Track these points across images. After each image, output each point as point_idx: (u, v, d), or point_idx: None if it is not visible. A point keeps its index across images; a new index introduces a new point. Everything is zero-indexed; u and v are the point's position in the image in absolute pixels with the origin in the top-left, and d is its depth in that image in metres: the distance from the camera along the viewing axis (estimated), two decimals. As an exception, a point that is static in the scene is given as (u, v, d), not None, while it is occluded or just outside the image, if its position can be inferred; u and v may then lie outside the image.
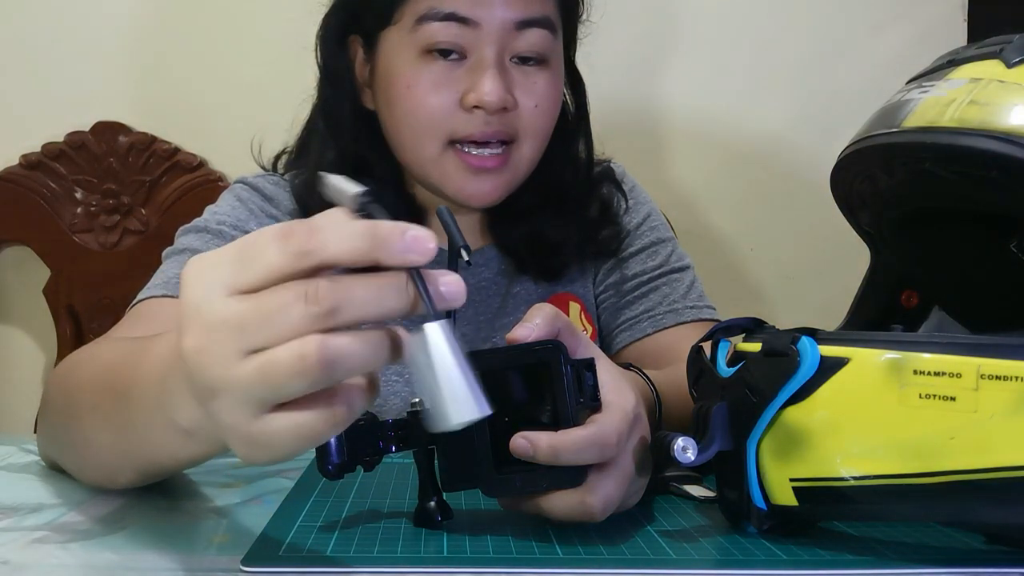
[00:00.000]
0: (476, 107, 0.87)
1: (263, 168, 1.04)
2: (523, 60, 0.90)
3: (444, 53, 0.88)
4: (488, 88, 0.86)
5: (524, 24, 0.88)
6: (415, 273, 0.42)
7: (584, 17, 0.99)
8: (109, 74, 1.40)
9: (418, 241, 0.41)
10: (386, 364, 0.43)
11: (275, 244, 0.42)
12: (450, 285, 0.43)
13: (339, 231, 0.41)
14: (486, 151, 0.89)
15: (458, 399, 0.42)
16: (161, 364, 0.48)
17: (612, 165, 1.06)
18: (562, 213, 0.99)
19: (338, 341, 0.41)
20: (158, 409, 0.49)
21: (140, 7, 1.40)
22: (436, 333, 0.43)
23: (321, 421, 0.43)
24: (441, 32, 0.87)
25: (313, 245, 0.41)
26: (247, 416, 0.43)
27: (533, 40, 0.89)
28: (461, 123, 0.88)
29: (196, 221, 0.94)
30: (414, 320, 0.43)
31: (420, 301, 0.42)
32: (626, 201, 1.04)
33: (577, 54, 1.01)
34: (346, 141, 0.95)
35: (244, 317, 0.41)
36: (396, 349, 0.43)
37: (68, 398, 0.64)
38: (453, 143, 0.89)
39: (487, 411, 0.43)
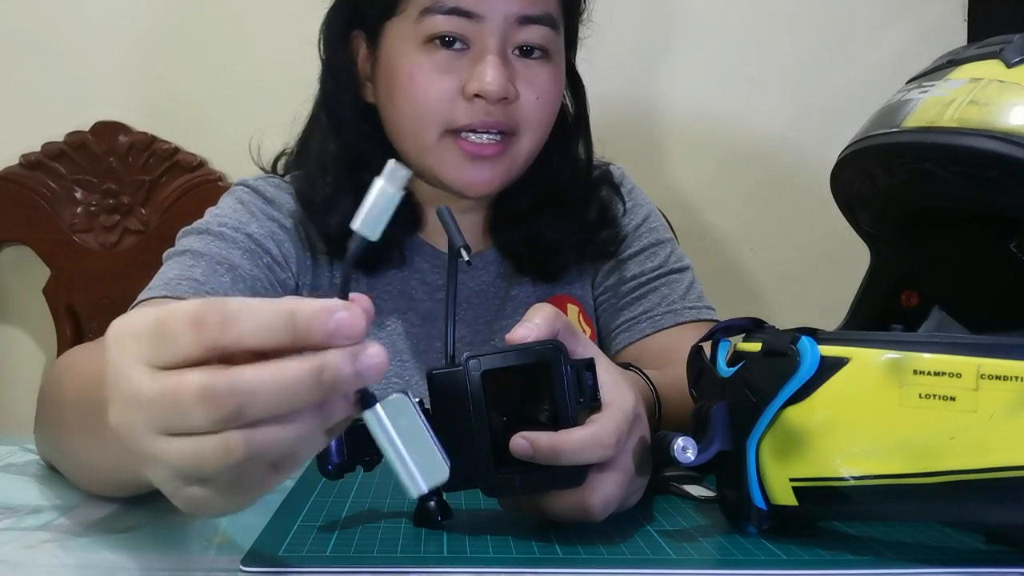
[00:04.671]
0: (477, 96, 0.87)
1: (263, 169, 1.04)
2: (525, 53, 0.90)
3: (447, 43, 0.88)
4: (490, 77, 0.86)
5: (526, 20, 0.89)
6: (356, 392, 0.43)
7: (585, 16, 0.99)
8: (109, 74, 1.40)
9: (343, 324, 0.40)
10: (323, 438, 0.43)
11: (189, 331, 0.40)
12: (371, 359, 0.41)
13: (255, 321, 0.40)
14: (484, 137, 0.89)
15: (412, 473, 0.44)
16: None
17: (611, 168, 1.06)
18: (561, 215, 0.99)
19: (263, 435, 0.40)
20: None
21: (140, 7, 1.40)
22: (374, 419, 0.44)
23: (244, 498, 0.44)
24: (444, 24, 0.88)
25: (228, 339, 0.40)
26: (178, 485, 0.43)
27: (534, 35, 0.90)
28: (461, 112, 0.88)
29: (197, 223, 0.94)
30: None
31: (336, 388, 0.41)
32: (624, 204, 1.04)
33: (577, 55, 1.01)
34: (347, 135, 0.95)
35: (154, 401, 0.41)
36: (333, 421, 0.43)
37: (57, 411, 0.64)
38: (452, 132, 0.89)
39: (441, 479, 0.44)
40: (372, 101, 0.95)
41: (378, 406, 0.44)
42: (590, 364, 0.56)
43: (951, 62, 0.58)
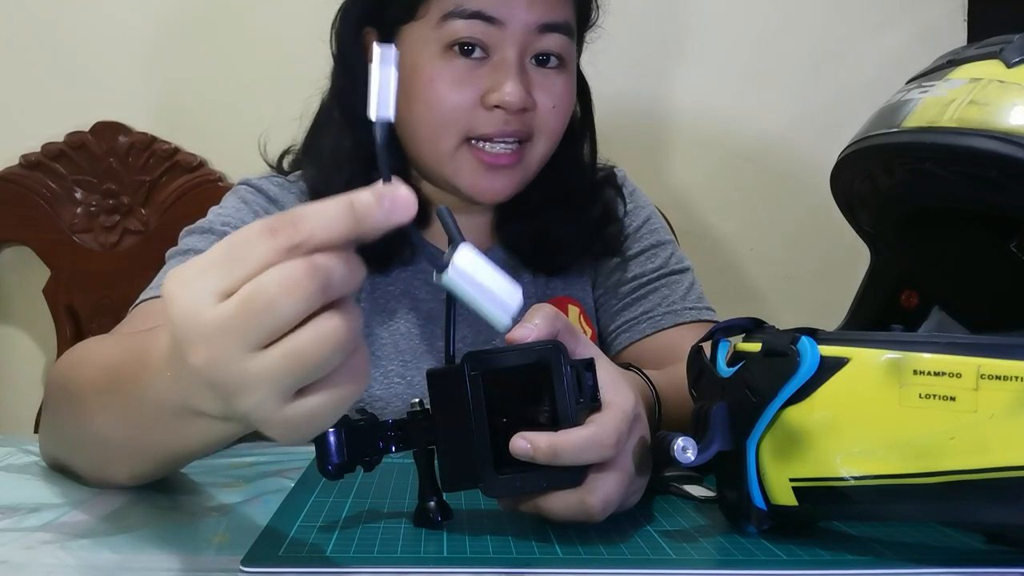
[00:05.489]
0: (497, 107, 0.88)
1: (270, 165, 1.04)
2: (542, 62, 0.91)
3: (467, 52, 0.88)
4: (510, 89, 0.87)
5: (546, 28, 0.89)
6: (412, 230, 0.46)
7: (596, 23, 0.99)
8: (109, 74, 1.40)
9: (397, 205, 0.43)
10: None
11: (263, 241, 0.42)
12: (396, 200, 0.43)
13: (322, 218, 0.43)
14: (499, 147, 0.90)
15: (496, 311, 0.48)
16: (169, 360, 0.48)
17: (614, 170, 1.06)
18: (567, 211, 0.99)
19: (350, 313, 0.43)
20: (178, 402, 0.49)
21: (140, 7, 1.40)
22: (454, 277, 0.48)
23: (349, 392, 0.44)
24: (465, 29, 0.88)
25: (301, 237, 0.42)
26: (276, 406, 0.43)
27: (553, 43, 0.90)
28: (481, 121, 0.89)
29: (200, 222, 0.94)
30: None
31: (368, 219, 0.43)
32: (625, 205, 1.04)
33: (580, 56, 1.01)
34: (362, 131, 0.95)
35: (239, 315, 0.42)
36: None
37: (73, 398, 0.64)
38: (469, 140, 0.90)
39: (518, 303, 0.48)
40: None
41: (452, 264, 0.47)
42: (590, 364, 0.56)
43: (951, 62, 0.58)
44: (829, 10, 1.46)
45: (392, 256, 0.96)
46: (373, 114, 0.45)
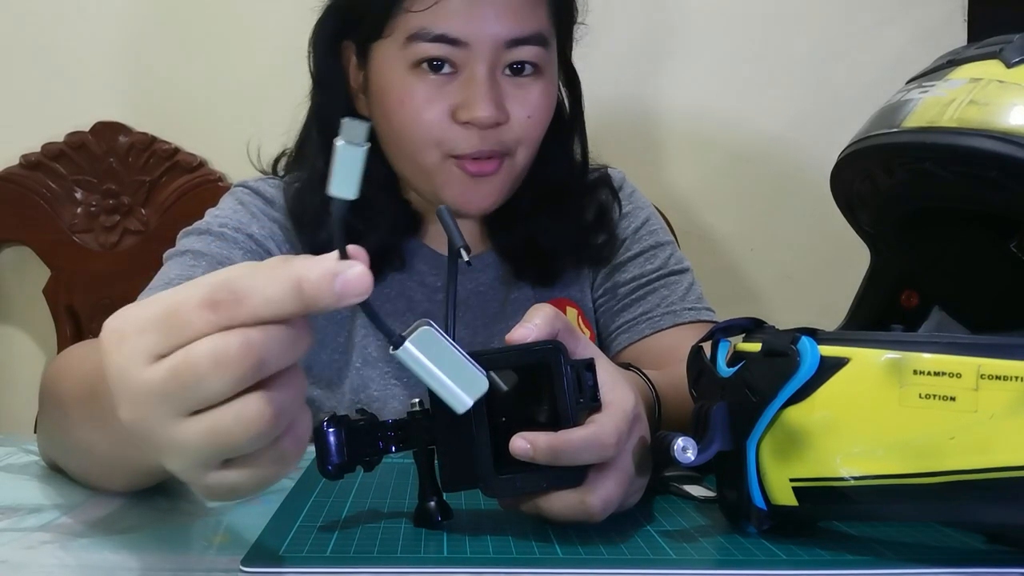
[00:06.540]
0: (469, 122, 0.87)
1: (262, 172, 1.04)
2: (516, 71, 0.89)
3: (435, 68, 0.87)
4: (480, 107, 0.86)
5: (515, 42, 0.88)
6: (367, 310, 0.44)
7: (579, 21, 0.98)
8: (109, 74, 1.40)
9: (349, 287, 0.41)
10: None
11: (203, 314, 0.41)
12: (349, 281, 0.41)
13: (267, 297, 0.41)
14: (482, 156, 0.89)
15: (455, 392, 0.47)
16: None
17: (611, 171, 1.06)
18: (558, 216, 0.99)
19: (281, 396, 0.42)
20: None
21: (140, 7, 1.40)
22: (409, 353, 0.47)
23: (271, 474, 0.44)
24: (431, 50, 0.87)
25: (242, 317, 0.41)
26: (200, 472, 0.44)
27: (525, 54, 0.89)
28: (457, 139, 0.88)
29: (198, 223, 0.94)
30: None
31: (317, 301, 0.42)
32: (619, 208, 1.04)
33: (575, 55, 1.00)
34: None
35: (166, 384, 0.41)
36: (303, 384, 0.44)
37: (59, 406, 0.64)
38: (451, 157, 0.89)
39: (482, 389, 0.48)
40: (365, 113, 0.94)
41: (407, 343, 0.47)
42: (590, 364, 0.56)
43: (951, 62, 0.58)
44: (829, 10, 1.46)
45: (384, 265, 0.96)
46: (331, 190, 0.42)
